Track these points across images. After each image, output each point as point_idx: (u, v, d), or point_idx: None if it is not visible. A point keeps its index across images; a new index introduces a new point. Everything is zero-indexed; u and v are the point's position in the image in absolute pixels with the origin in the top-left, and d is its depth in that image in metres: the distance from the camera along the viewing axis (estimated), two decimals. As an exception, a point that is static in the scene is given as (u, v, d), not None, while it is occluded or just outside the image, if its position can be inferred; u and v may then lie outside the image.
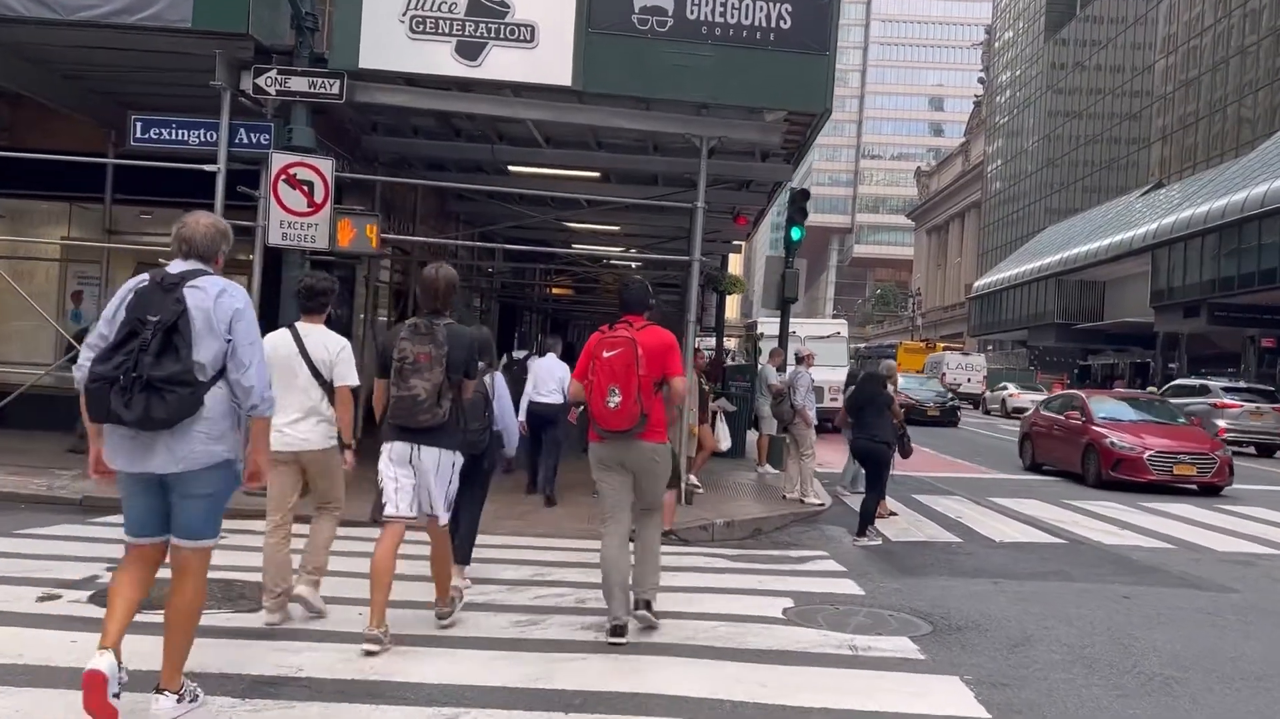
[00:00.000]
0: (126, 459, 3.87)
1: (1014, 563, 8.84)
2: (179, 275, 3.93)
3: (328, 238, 10.48)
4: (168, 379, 3.71)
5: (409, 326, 5.27)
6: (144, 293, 3.86)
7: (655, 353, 5.47)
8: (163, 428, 3.74)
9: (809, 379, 12.02)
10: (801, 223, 14.82)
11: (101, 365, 3.74)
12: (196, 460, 3.86)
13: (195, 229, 4.09)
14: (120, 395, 3.68)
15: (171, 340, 3.75)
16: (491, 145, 13.55)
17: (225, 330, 3.87)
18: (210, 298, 3.89)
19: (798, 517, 11.20)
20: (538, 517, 10.11)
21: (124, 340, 3.75)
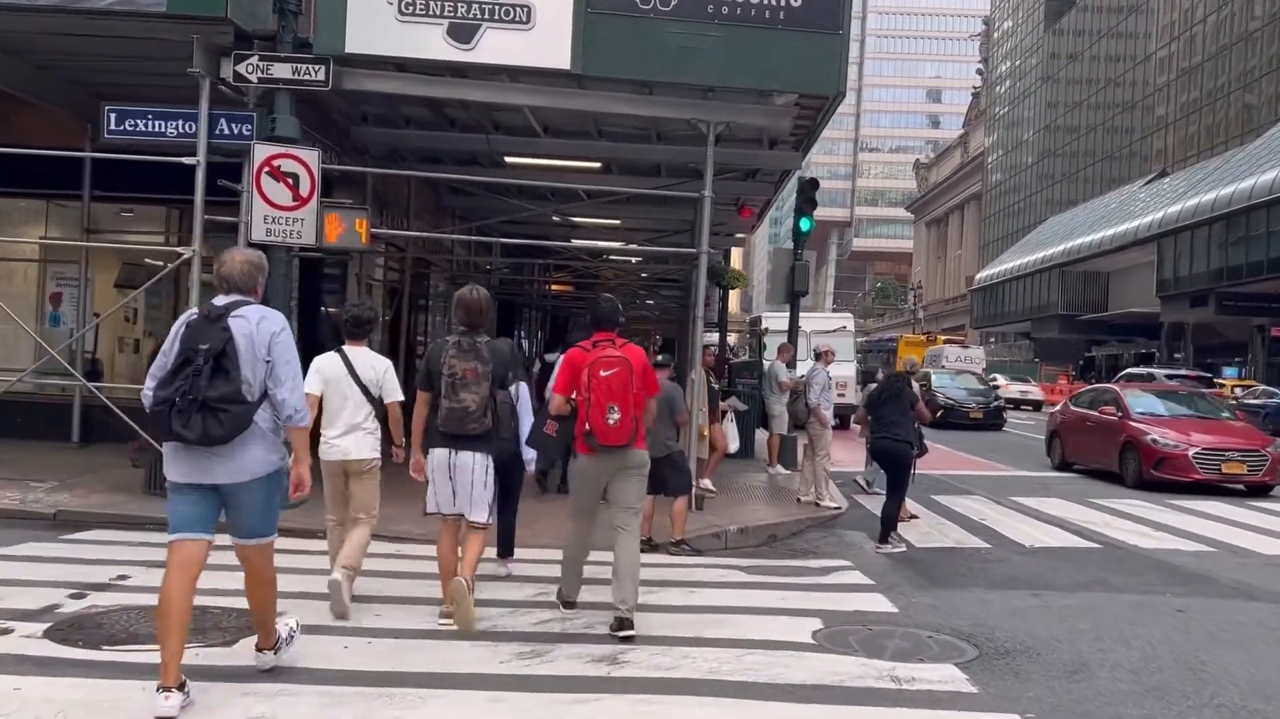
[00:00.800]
0: (188, 472, 4.30)
1: (1050, 571, 8.27)
2: (224, 308, 4.35)
3: (315, 233, 9.90)
4: (220, 399, 4.14)
5: (454, 344, 5.78)
6: (195, 325, 4.32)
7: (641, 371, 5.86)
8: (221, 444, 4.17)
9: (825, 377, 11.44)
10: (810, 213, 14.25)
11: (162, 390, 4.21)
12: (254, 470, 4.34)
13: (233, 267, 4.49)
14: (180, 417, 4.12)
15: (221, 364, 4.18)
16: (487, 135, 12.96)
17: (265, 353, 4.29)
18: (252, 324, 4.33)
19: (814, 521, 10.64)
20: (543, 525, 9.51)
21: (180, 367, 4.19)
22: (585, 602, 6.38)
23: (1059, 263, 57.05)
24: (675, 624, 6.01)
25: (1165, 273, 44.65)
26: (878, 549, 9.12)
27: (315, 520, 6.80)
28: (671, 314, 31.98)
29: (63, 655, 4.98)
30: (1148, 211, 48.31)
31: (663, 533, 8.80)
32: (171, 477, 4.34)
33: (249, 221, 9.79)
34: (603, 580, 6.86)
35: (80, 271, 13.16)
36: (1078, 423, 16.69)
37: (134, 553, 7.60)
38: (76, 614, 5.74)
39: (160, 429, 4.27)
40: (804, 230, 14.25)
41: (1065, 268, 56.64)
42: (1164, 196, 48.60)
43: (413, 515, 8.01)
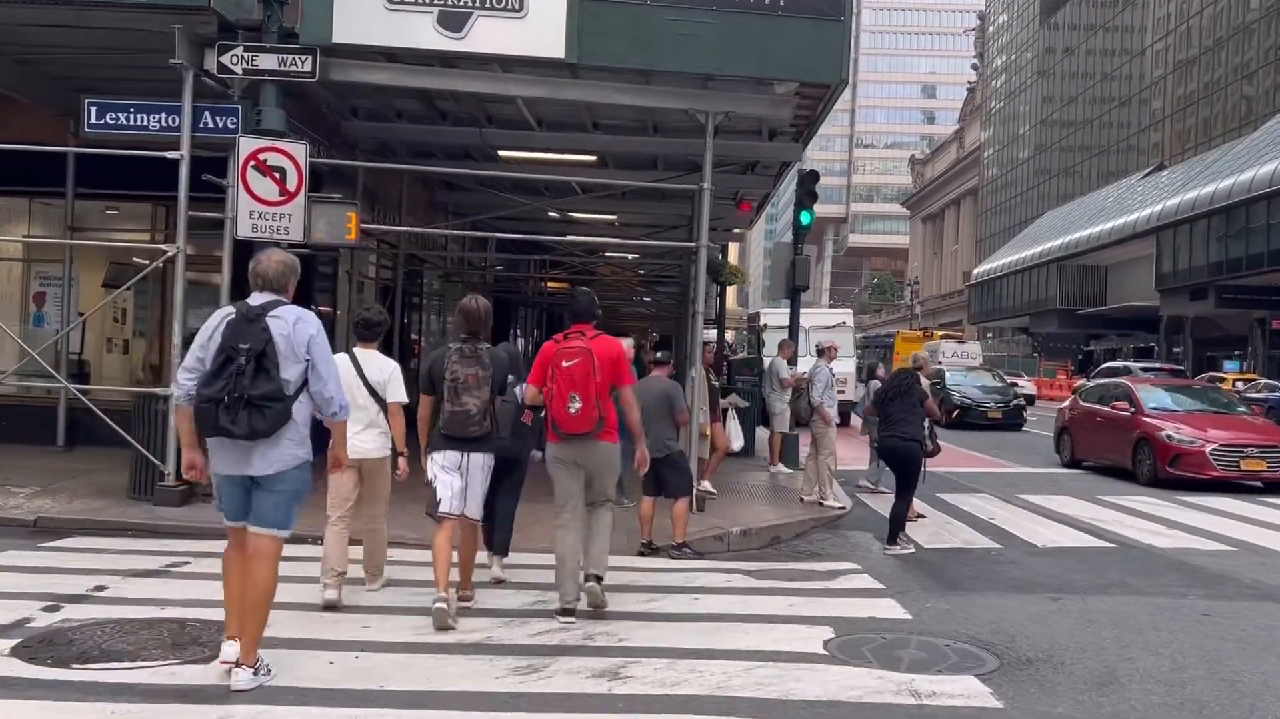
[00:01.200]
0: (229, 465, 4.58)
1: (1066, 572, 7.99)
2: (261, 307, 4.55)
3: (302, 228, 9.60)
4: (264, 396, 4.40)
5: (456, 351, 6.01)
6: (233, 324, 4.50)
7: (608, 362, 5.95)
8: (264, 438, 4.44)
9: (829, 374, 11.15)
10: (811, 206, 13.95)
11: (207, 388, 4.42)
12: (285, 463, 4.58)
13: (269, 266, 4.69)
14: (227, 413, 4.36)
15: (263, 364, 4.41)
16: (480, 129, 12.66)
17: (304, 352, 4.54)
18: (289, 325, 4.55)
19: (818, 522, 10.36)
20: (539, 529, 9.21)
21: (222, 366, 4.40)
22: (585, 611, 6.10)
23: (1057, 257, 56.77)
24: (679, 634, 5.72)
25: (1164, 266, 44.37)
26: (886, 550, 8.85)
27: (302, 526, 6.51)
28: (669, 311, 31.70)
29: (29, 675, 4.68)
30: (1146, 205, 48.03)
31: (663, 535, 8.51)
32: (217, 469, 4.66)
33: (234, 218, 9.51)
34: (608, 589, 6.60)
35: (64, 271, 12.83)
36: (1088, 419, 16.22)
37: (114, 561, 7.31)
38: (48, 629, 5.44)
39: (204, 425, 4.47)
40: (804, 224, 13.95)
41: (1063, 262, 56.35)
42: (1162, 190, 48.33)
43: (403, 520, 7.73)
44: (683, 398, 8.72)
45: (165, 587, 6.58)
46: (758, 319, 27.96)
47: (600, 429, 5.94)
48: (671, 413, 8.48)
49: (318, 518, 6.36)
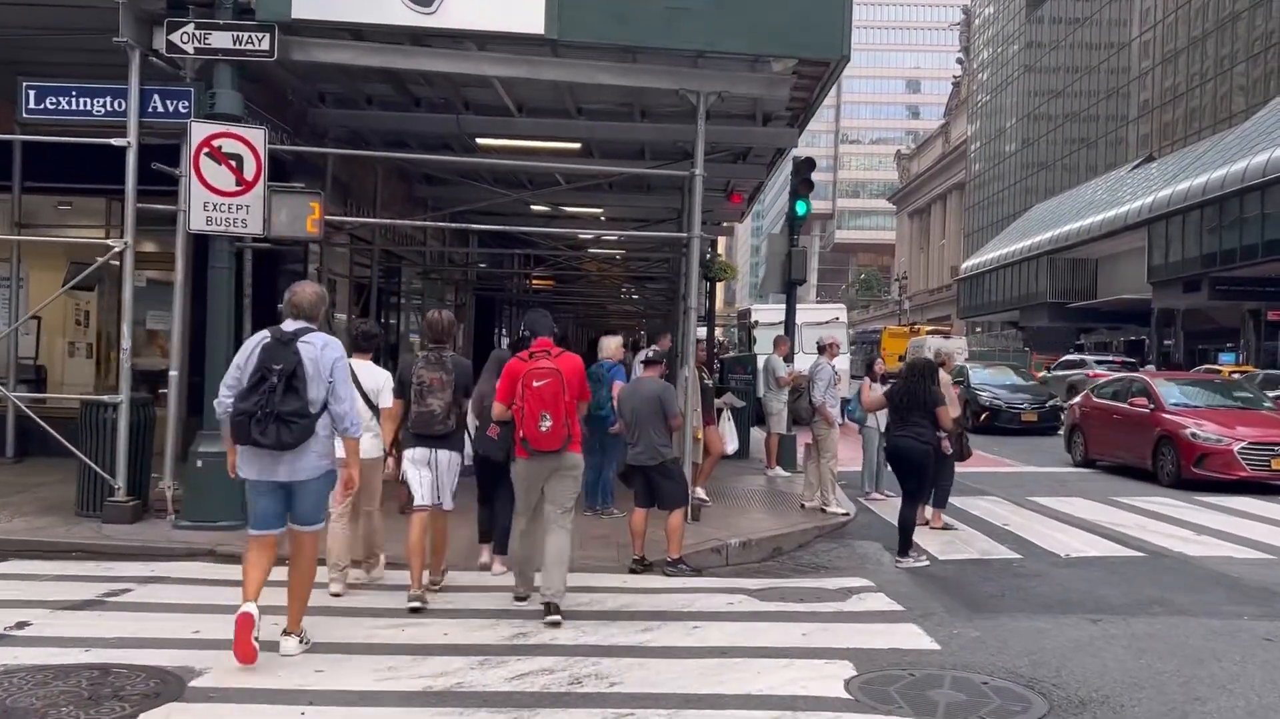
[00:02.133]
0: (258, 470, 5.06)
1: (1097, 587, 7.31)
2: (293, 333, 5.07)
3: (261, 220, 8.85)
4: (291, 413, 4.88)
5: (423, 358, 6.57)
6: (269, 347, 5.00)
7: (574, 379, 6.19)
8: (290, 449, 4.93)
9: (831, 372, 10.44)
10: (807, 195, 13.25)
11: (243, 403, 4.92)
12: (310, 471, 5.10)
13: (303, 297, 5.26)
14: (258, 425, 4.85)
15: (292, 384, 4.90)
16: (456, 116, 11.89)
17: (328, 375, 5.04)
18: (317, 350, 5.06)
19: (821, 531, 9.66)
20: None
21: (257, 384, 4.88)
22: (565, 644, 5.37)
23: (1047, 250, 56.26)
24: (680, 675, 5.00)
25: (1156, 258, 43.88)
26: (898, 563, 8.16)
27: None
28: (657, 308, 30.97)
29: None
30: (1137, 197, 47.52)
31: (656, 549, 7.81)
32: (245, 475, 5.13)
33: (187, 209, 8.75)
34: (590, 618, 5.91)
35: (12, 270, 12.02)
36: (1103, 416, 15.39)
37: (46, 590, 6.55)
38: (-52, 680, 4.69)
39: (238, 435, 4.98)
40: (800, 214, 13.24)
41: (1053, 255, 55.84)
42: (1153, 181, 47.84)
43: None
44: (676, 400, 8.01)
45: (97, 622, 5.82)
46: (748, 315, 27.28)
47: (568, 444, 6.17)
48: (664, 417, 7.78)
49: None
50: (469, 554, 7.67)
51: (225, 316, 8.93)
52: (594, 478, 9.72)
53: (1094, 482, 13.71)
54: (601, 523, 9.32)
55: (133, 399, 9.01)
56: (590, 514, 9.59)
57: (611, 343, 9.64)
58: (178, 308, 9.11)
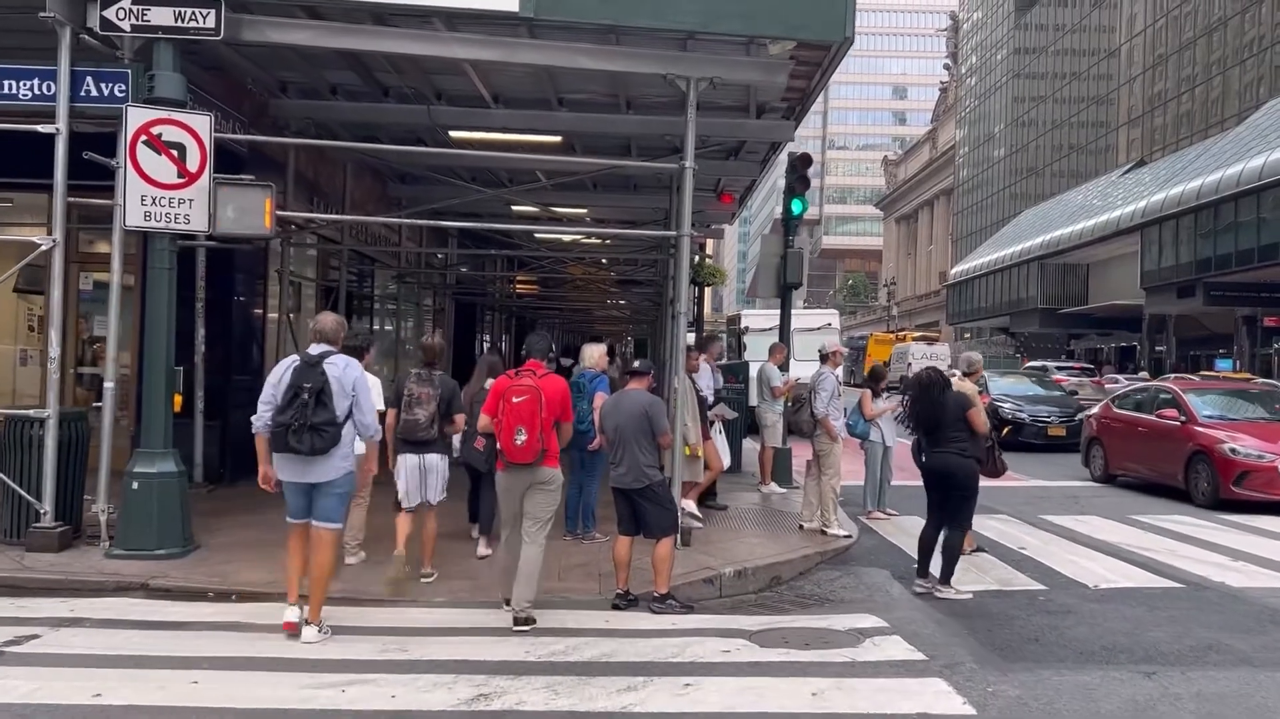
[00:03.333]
0: (292, 473, 5.96)
1: (1141, 628, 6.50)
2: (319, 356, 5.98)
3: (206, 216, 8.01)
4: (323, 423, 5.79)
5: (414, 375, 7.58)
6: (299, 369, 5.92)
7: (554, 399, 6.46)
8: (322, 454, 5.83)
9: (835, 382, 9.61)
10: (803, 193, 12.45)
11: (280, 416, 5.81)
12: (333, 473, 5.96)
13: (326, 326, 6.20)
14: (294, 435, 5.76)
15: (321, 399, 5.80)
16: (428, 106, 11.07)
17: (350, 391, 5.95)
18: (340, 370, 5.97)
19: (823, 556, 8.84)
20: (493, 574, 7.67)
21: (291, 400, 5.79)
22: (539, 709, 4.53)
23: (1037, 255, 55.68)
24: None
25: (1149, 263, 43.29)
26: (939, 592, 7.38)
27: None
28: (644, 314, 30.17)
29: None
30: (1129, 201, 46.97)
31: (643, 581, 7.00)
32: (282, 477, 5.94)
33: (123, 204, 7.89)
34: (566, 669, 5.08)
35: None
36: (1125, 429, 14.23)
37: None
38: None
39: (277, 444, 5.79)
40: (796, 213, 12.43)
41: (1044, 260, 55.28)
42: (1145, 186, 47.28)
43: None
44: (664, 416, 7.19)
45: (-14, 681, 4.96)
46: (738, 321, 26.46)
47: (542, 458, 6.42)
48: (651, 434, 6.96)
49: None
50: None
51: (165, 322, 8.07)
52: (574, 499, 8.92)
53: (1110, 498, 12.91)
54: (582, 549, 8.49)
55: (64, 413, 8.14)
56: (570, 539, 8.76)
57: (594, 351, 8.85)
58: (113, 313, 8.25)
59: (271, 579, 7.28)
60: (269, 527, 9.02)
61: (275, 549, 8.18)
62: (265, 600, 6.89)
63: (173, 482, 7.97)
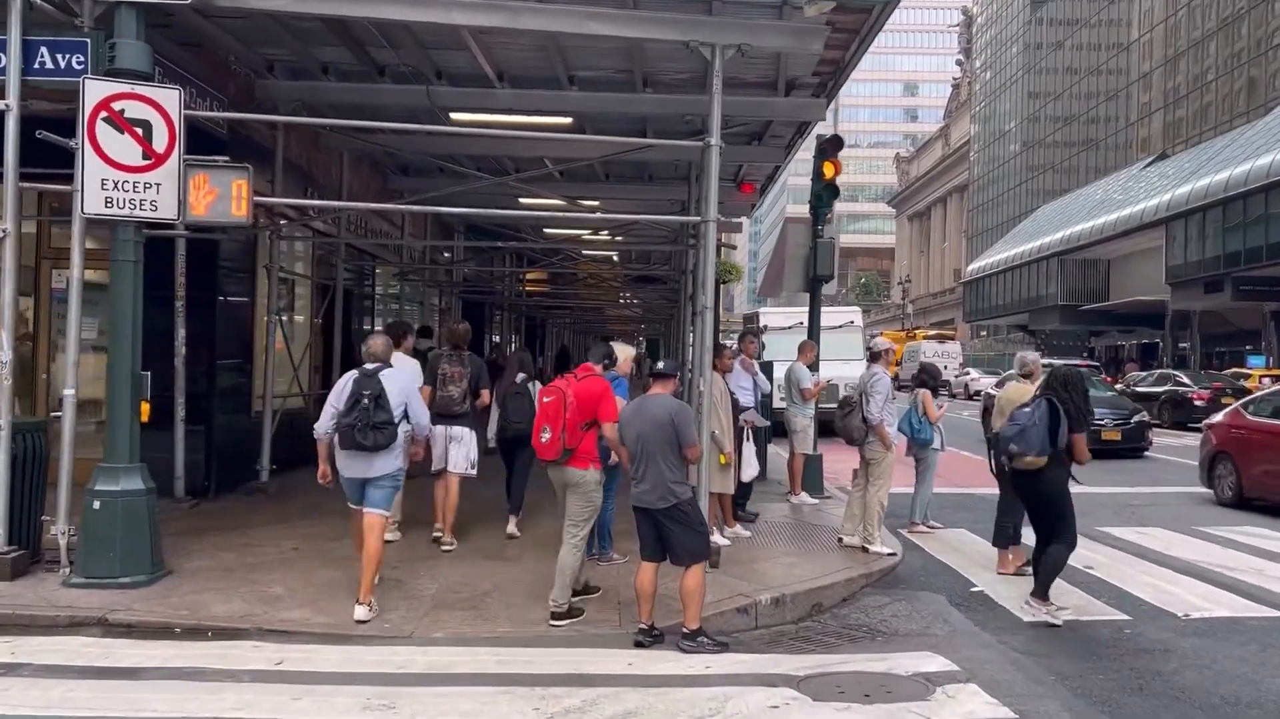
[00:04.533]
0: (353, 469, 6.67)
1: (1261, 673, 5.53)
2: (374, 369, 6.78)
3: (175, 203, 7.14)
4: (383, 422, 6.56)
5: (446, 357, 8.69)
6: (359, 379, 6.70)
7: (586, 400, 6.48)
8: (384, 449, 6.59)
9: (889, 383, 8.65)
10: (833, 178, 11.50)
11: (346, 418, 6.56)
12: (387, 469, 6.71)
13: (376, 348, 6.95)
14: (360, 433, 6.51)
15: (380, 402, 6.60)
16: (426, 87, 10.18)
17: (402, 398, 6.78)
18: (393, 378, 6.78)
19: (868, 578, 7.92)
20: (492, 608, 6.78)
21: (354, 405, 6.58)
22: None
23: (1057, 251, 54.55)
24: None
25: (1175, 258, 42.18)
26: (1031, 609, 6.51)
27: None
28: (656, 313, 29.25)
29: None
30: (1153, 194, 45.84)
31: (669, 612, 6.12)
32: (345, 473, 6.72)
33: (81, 189, 7.01)
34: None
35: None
36: (1269, 440, 11.70)
37: None
38: None
39: (345, 443, 6.58)
40: (825, 199, 11.51)
41: (1063, 256, 54.16)
42: (1169, 179, 46.14)
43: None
44: (693, 424, 6.28)
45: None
46: (755, 319, 25.44)
47: (567, 457, 6.45)
48: (678, 445, 6.06)
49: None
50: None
51: (130, 321, 7.19)
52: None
53: (1168, 507, 11.93)
54: (599, 572, 7.59)
55: (19, 424, 7.28)
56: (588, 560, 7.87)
57: (620, 354, 8.01)
58: (73, 313, 7.35)
59: (247, 611, 6.42)
60: (251, 548, 8.18)
61: (256, 574, 7.34)
62: (237, 638, 6.03)
63: (139, 500, 7.09)
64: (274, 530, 8.90)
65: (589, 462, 6.51)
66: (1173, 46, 54.63)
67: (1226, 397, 23.80)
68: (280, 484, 10.87)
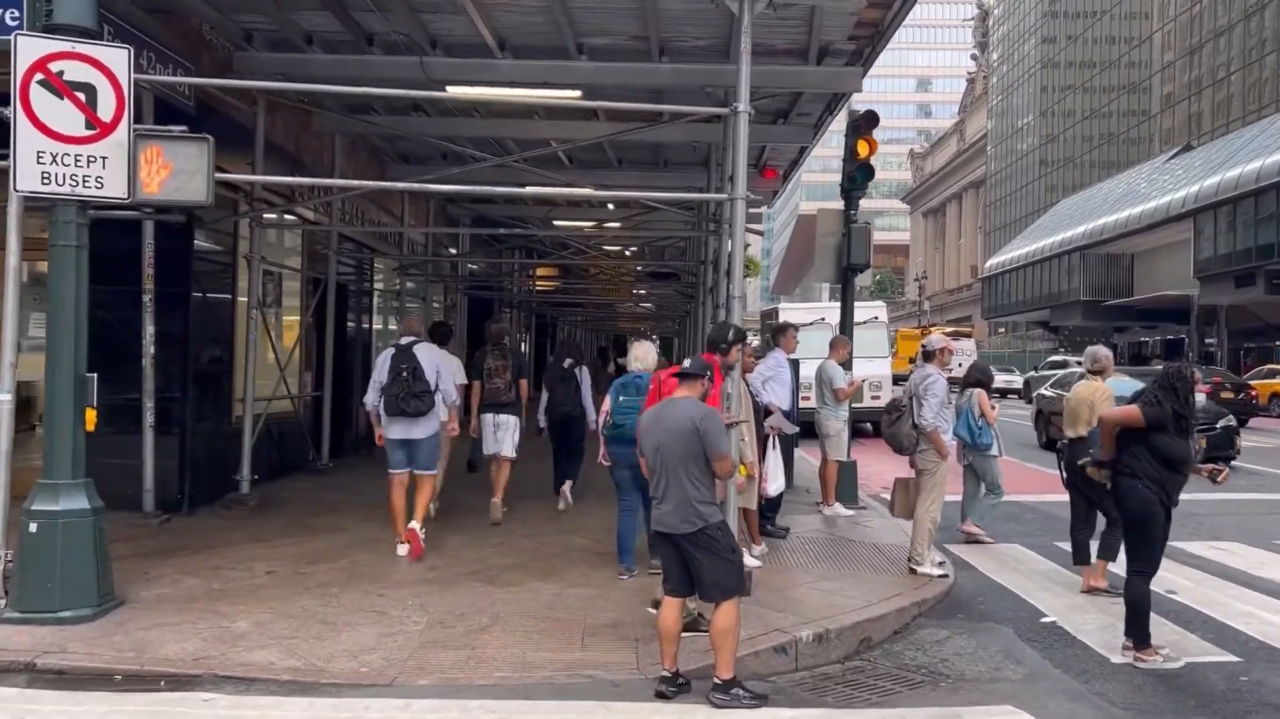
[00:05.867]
0: (400, 431, 7.79)
1: None
2: (409, 344, 7.89)
3: (125, 180, 6.19)
4: (420, 392, 7.66)
5: (491, 353, 9.40)
6: (396, 355, 7.79)
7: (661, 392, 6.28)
8: (421, 416, 7.71)
9: (944, 386, 7.62)
10: (868, 156, 10.50)
11: (390, 390, 7.68)
12: (428, 431, 7.88)
13: (413, 324, 8.52)
14: (403, 401, 7.63)
15: (417, 373, 7.67)
16: (420, 58, 9.23)
17: (435, 370, 7.85)
18: (427, 353, 7.88)
19: (921, 607, 6.92)
20: (489, 647, 5.80)
21: (395, 378, 7.68)
22: None
23: (1079, 245, 53.31)
24: None
25: (1204, 251, 40.99)
26: (1136, 658, 5.55)
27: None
28: (669, 310, 28.26)
29: None
30: (1180, 186, 44.62)
31: (695, 654, 5.15)
32: (391, 436, 7.82)
33: (14, 163, 6.07)
34: None
35: None
36: None
37: None
38: None
39: (390, 409, 7.69)
40: (859, 180, 10.51)
41: (1085, 250, 52.92)
42: (1196, 170, 44.89)
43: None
44: (723, 433, 5.30)
45: None
46: (774, 316, 24.39)
47: None
48: (705, 459, 5.09)
49: None
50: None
51: (72, 315, 6.25)
52: (631, 528, 7.40)
53: (1235, 516, 10.89)
54: (611, 600, 6.62)
55: (-52, 433, 6.34)
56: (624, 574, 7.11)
57: (648, 351, 7.42)
58: (10, 306, 6.42)
59: (203, 652, 5.47)
60: (221, 571, 7.23)
61: (222, 603, 6.39)
62: (188, 687, 5.09)
63: (82, 521, 6.14)
64: (250, 551, 7.95)
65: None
66: (1196, 36, 53.38)
67: (1225, 391, 24.27)
68: (263, 496, 9.94)
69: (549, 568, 7.54)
